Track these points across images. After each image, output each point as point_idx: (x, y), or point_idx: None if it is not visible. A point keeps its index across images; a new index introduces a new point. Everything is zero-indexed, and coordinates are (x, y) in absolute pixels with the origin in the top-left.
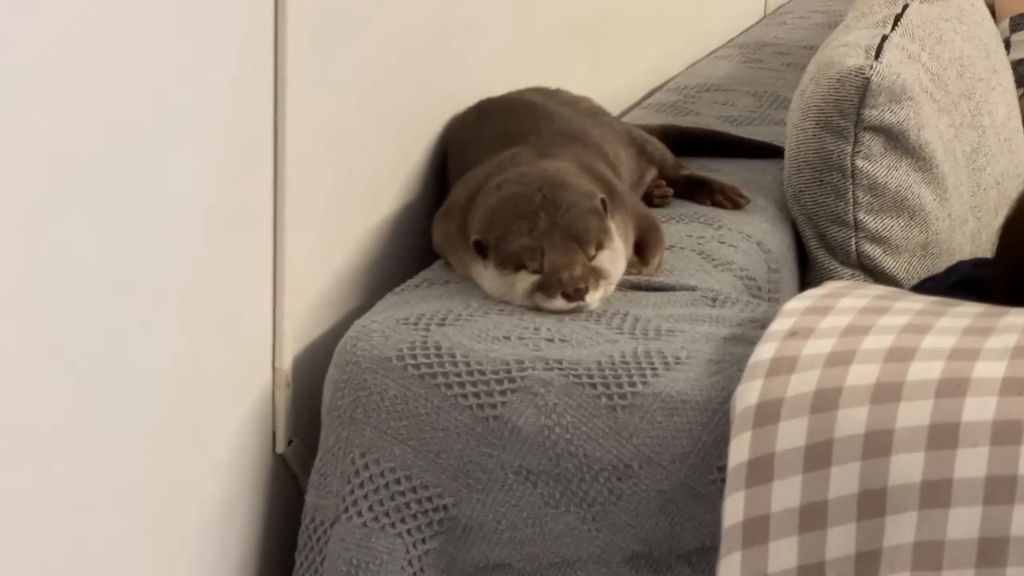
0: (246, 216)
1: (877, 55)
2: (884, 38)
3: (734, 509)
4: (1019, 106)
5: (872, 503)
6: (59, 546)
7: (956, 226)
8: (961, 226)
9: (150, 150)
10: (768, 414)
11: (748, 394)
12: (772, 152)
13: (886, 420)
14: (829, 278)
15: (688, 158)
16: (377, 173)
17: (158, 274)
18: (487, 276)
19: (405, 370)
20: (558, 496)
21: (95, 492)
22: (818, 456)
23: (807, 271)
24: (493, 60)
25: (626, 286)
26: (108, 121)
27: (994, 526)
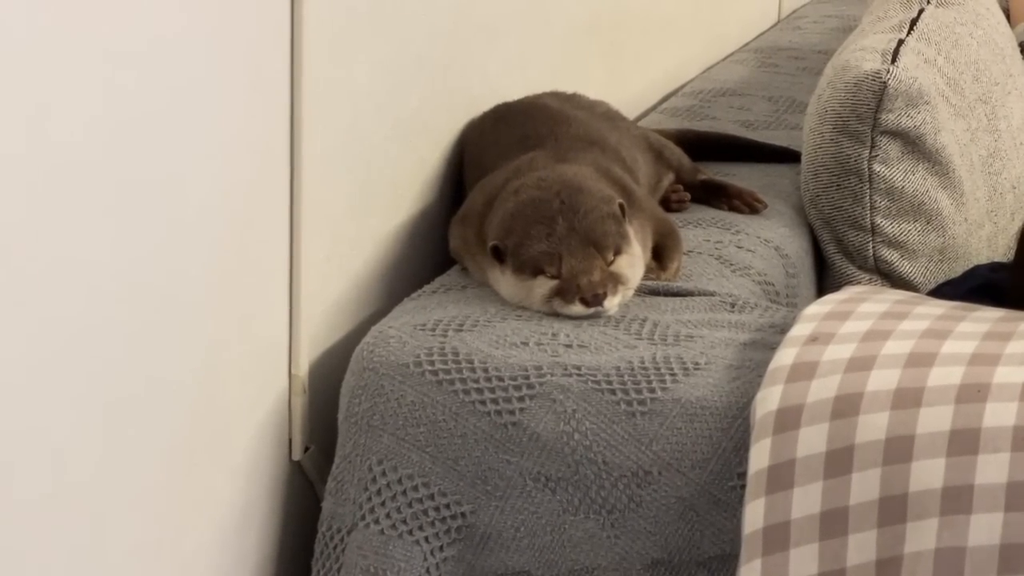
0: (262, 221)
1: (894, 59)
2: (900, 42)
3: (754, 516)
4: None
5: (893, 509)
6: (76, 553)
7: (973, 230)
8: (978, 230)
9: (166, 156)
10: (788, 420)
11: (768, 400)
12: (789, 156)
13: (907, 425)
14: (846, 282)
15: (705, 162)
16: (393, 178)
17: (174, 280)
18: (505, 281)
19: (423, 376)
20: (577, 503)
21: (112, 499)
22: (839, 462)
23: (824, 275)
24: (510, 65)
25: (644, 291)
26: (125, 127)
27: (1016, 532)
